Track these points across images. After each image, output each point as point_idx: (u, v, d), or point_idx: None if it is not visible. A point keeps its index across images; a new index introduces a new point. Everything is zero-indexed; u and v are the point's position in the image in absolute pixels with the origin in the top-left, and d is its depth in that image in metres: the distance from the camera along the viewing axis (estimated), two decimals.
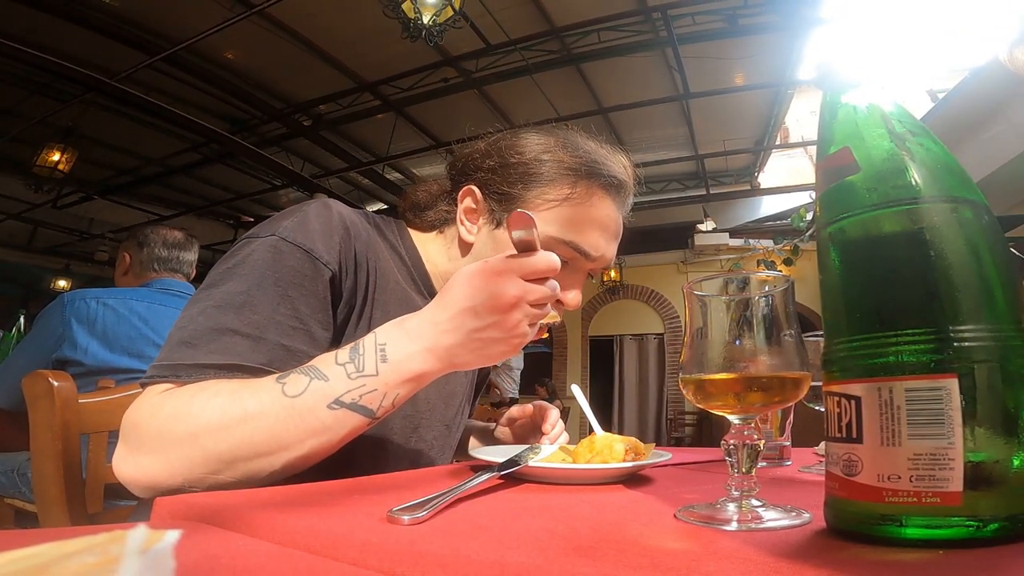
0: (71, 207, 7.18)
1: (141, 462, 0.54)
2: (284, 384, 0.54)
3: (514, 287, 0.55)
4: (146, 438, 0.54)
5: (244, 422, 0.53)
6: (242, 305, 0.59)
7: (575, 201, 0.75)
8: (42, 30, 4.23)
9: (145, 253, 1.72)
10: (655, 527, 0.39)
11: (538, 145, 0.78)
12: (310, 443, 0.54)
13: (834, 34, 4.45)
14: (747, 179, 7.33)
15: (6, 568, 0.16)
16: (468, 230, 0.79)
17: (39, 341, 1.49)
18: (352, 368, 0.55)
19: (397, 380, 0.56)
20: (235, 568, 0.30)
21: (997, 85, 3.80)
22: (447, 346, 0.56)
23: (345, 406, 0.54)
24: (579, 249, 0.75)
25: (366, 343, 0.57)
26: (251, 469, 0.53)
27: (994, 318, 0.32)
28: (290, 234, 0.64)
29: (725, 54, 4.81)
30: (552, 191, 0.75)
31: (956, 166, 0.36)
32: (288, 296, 0.61)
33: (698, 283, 0.45)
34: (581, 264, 0.77)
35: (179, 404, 0.54)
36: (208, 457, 0.52)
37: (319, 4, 4.26)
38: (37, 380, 0.90)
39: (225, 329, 0.58)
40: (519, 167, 0.76)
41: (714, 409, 0.44)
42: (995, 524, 0.30)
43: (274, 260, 0.62)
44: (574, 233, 0.74)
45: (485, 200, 0.78)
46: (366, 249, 0.72)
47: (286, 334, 0.60)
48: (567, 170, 0.75)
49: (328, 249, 0.66)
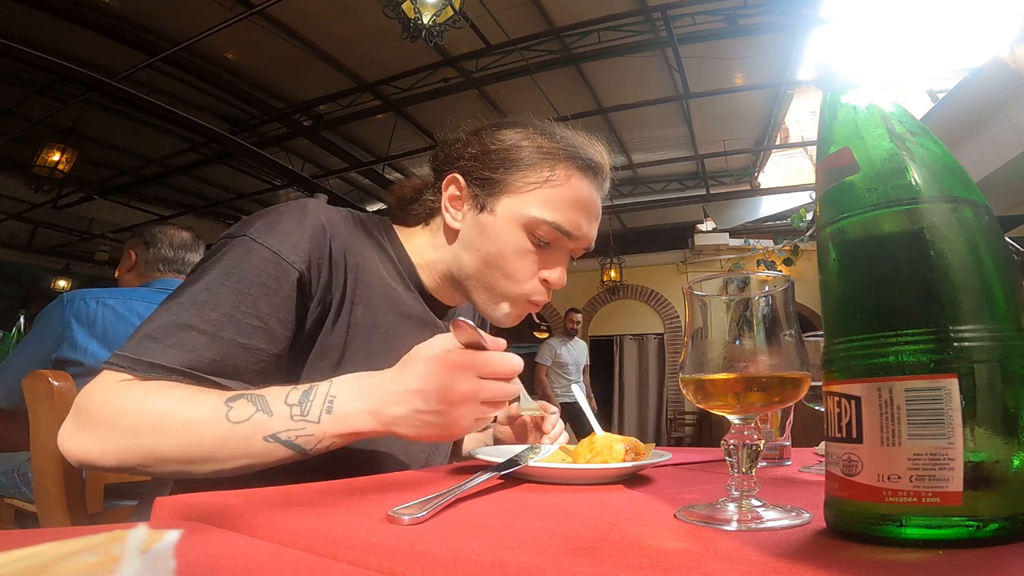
0: (71, 207, 7.17)
1: (83, 440, 0.59)
2: (231, 408, 0.58)
3: (466, 384, 0.57)
4: (94, 422, 0.59)
5: (183, 431, 0.57)
6: (203, 303, 0.63)
7: (555, 183, 0.78)
8: (42, 30, 4.23)
9: (151, 253, 1.72)
10: (655, 527, 0.39)
11: (517, 133, 0.81)
12: (239, 462, 0.58)
13: (834, 34, 4.45)
14: (747, 179, 7.33)
15: (6, 568, 0.16)
16: (453, 217, 0.82)
17: (39, 341, 1.49)
18: (297, 411, 0.58)
19: (335, 432, 0.59)
20: (235, 568, 0.30)
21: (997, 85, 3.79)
22: (390, 415, 0.58)
23: (280, 442, 0.58)
24: (561, 229, 0.78)
25: (319, 391, 0.60)
26: (178, 471, 0.59)
27: (994, 318, 0.32)
28: (259, 235, 0.67)
29: (725, 54, 4.81)
30: (532, 174, 0.78)
31: (956, 166, 0.36)
32: (250, 295, 0.64)
33: (698, 283, 0.45)
34: (563, 244, 0.80)
35: (131, 400, 0.58)
36: (143, 453, 0.57)
37: (319, 4, 4.26)
38: (37, 380, 0.90)
39: (184, 325, 0.62)
40: (500, 153, 0.80)
41: (714, 409, 0.44)
42: (995, 524, 0.30)
43: (241, 260, 0.66)
44: (555, 213, 0.77)
45: (469, 187, 0.81)
46: (345, 248, 0.74)
47: (243, 332, 0.63)
48: (546, 154, 0.79)
49: (296, 250, 0.68)
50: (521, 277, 0.79)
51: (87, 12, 4.14)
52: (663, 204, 7.39)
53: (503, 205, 0.78)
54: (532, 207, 0.77)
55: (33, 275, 8.51)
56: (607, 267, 7.86)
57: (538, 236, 0.78)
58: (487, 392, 0.58)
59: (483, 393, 0.58)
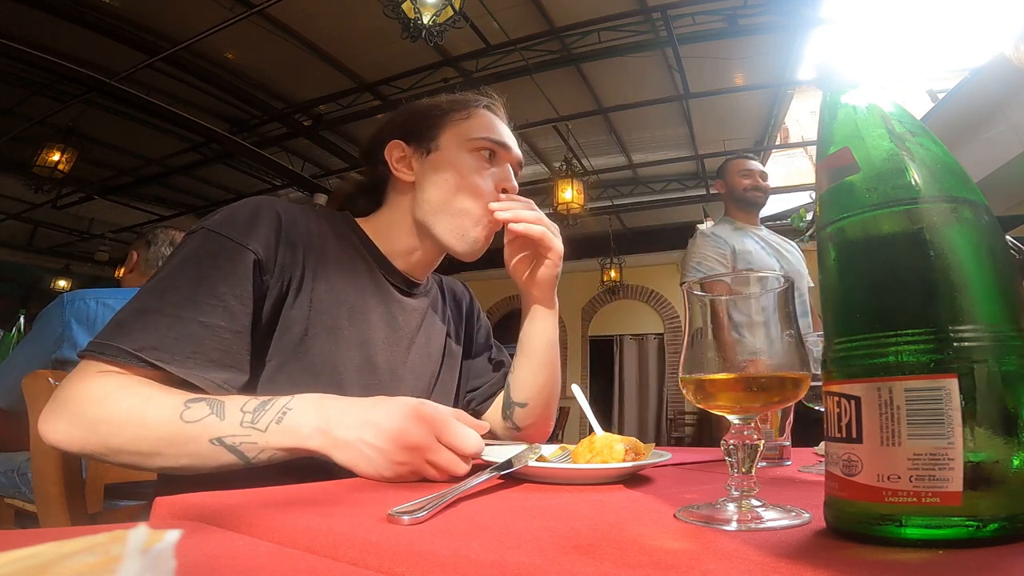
0: (71, 207, 7.18)
1: (55, 425, 0.63)
2: (188, 408, 0.60)
3: (420, 436, 0.58)
4: (65, 410, 0.63)
5: (139, 426, 0.60)
6: (165, 289, 0.68)
7: (475, 116, 0.93)
8: (42, 30, 4.23)
9: (151, 252, 1.73)
10: (655, 527, 0.39)
11: (428, 99, 0.97)
12: (183, 461, 0.61)
13: (834, 34, 4.45)
14: None
15: (6, 568, 0.16)
16: (405, 174, 0.91)
17: (39, 341, 1.49)
18: (249, 419, 0.60)
19: (277, 444, 0.60)
20: (235, 568, 0.30)
21: (997, 85, 3.80)
22: (336, 436, 0.59)
23: (224, 446, 0.60)
24: (495, 140, 0.91)
25: (277, 403, 0.62)
26: (130, 462, 0.62)
27: (994, 318, 0.32)
28: (215, 225, 0.73)
29: (725, 54, 4.80)
30: (456, 115, 0.92)
31: (956, 166, 0.36)
32: (208, 277, 0.69)
33: (698, 283, 0.45)
34: (501, 155, 0.92)
35: (100, 393, 0.62)
36: (101, 443, 0.61)
37: (319, 4, 4.26)
38: (37, 380, 0.90)
39: (149, 310, 0.66)
40: (424, 110, 0.94)
41: (714, 409, 0.44)
42: (995, 524, 0.30)
43: (199, 248, 0.71)
44: (486, 132, 0.91)
45: (409, 144, 0.92)
46: (305, 231, 0.81)
47: (203, 312, 0.67)
48: (457, 102, 0.94)
49: (249, 233, 0.73)
50: (484, 190, 0.89)
51: (87, 12, 4.14)
52: (663, 204, 7.39)
53: (444, 140, 0.91)
54: (467, 132, 0.90)
55: (33, 275, 8.51)
56: (607, 267, 7.86)
57: (481, 151, 0.90)
58: (436, 455, 0.58)
59: (432, 453, 0.58)
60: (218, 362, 0.67)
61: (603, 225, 7.64)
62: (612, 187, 7.44)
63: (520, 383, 0.99)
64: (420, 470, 0.58)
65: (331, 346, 0.78)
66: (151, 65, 4.55)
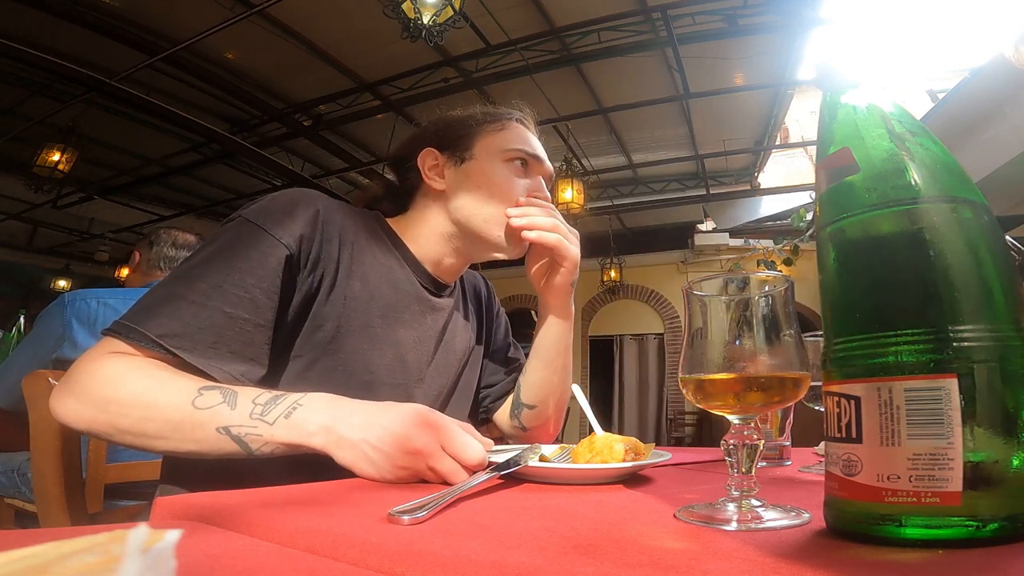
0: (71, 207, 7.17)
1: (66, 401, 0.63)
2: (200, 395, 0.61)
3: (424, 442, 0.58)
4: (78, 388, 0.63)
5: (148, 408, 0.61)
6: (195, 276, 0.68)
7: (509, 128, 0.95)
8: (42, 30, 4.23)
9: (154, 252, 1.74)
10: (655, 527, 0.39)
11: (461, 109, 0.98)
12: (187, 446, 0.61)
13: (834, 34, 4.45)
14: (747, 179, 7.33)
15: (6, 568, 0.16)
16: (437, 182, 0.91)
17: (39, 341, 1.49)
18: (258, 411, 0.61)
19: (282, 438, 0.60)
20: (235, 568, 0.30)
21: (997, 85, 3.80)
22: (340, 435, 0.60)
23: (230, 435, 0.60)
24: (528, 152, 0.92)
25: (289, 398, 0.62)
26: (136, 443, 0.62)
27: (993, 318, 0.32)
28: (251, 214, 0.73)
29: (725, 54, 4.80)
30: (489, 126, 0.94)
31: (956, 166, 0.36)
32: (237, 268, 0.69)
33: (698, 283, 0.45)
34: (534, 167, 0.94)
35: (114, 373, 0.63)
36: (109, 423, 0.62)
37: (319, 4, 4.26)
38: (37, 380, 0.90)
39: (176, 295, 0.66)
40: (459, 119, 0.95)
41: (714, 409, 0.44)
42: (995, 524, 0.30)
43: (233, 237, 0.71)
44: (519, 144, 0.93)
45: (443, 152, 0.92)
46: (340, 227, 0.80)
47: (229, 302, 0.67)
48: (490, 114, 0.96)
49: (284, 226, 0.73)
50: (516, 197, 0.90)
51: (87, 12, 4.14)
52: (663, 204, 7.39)
53: (478, 149, 0.91)
54: (501, 143, 0.92)
55: (33, 275, 8.51)
56: (607, 267, 7.86)
57: (514, 162, 0.91)
58: (438, 462, 0.57)
59: (434, 459, 0.57)
60: (238, 354, 0.67)
61: (603, 225, 7.64)
62: (612, 187, 7.44)
63: (530, 386, 0.99)
64: (421, 475, 0.58)
65: (364, 344, 0.78)
66: (151, 65, 4.54)
